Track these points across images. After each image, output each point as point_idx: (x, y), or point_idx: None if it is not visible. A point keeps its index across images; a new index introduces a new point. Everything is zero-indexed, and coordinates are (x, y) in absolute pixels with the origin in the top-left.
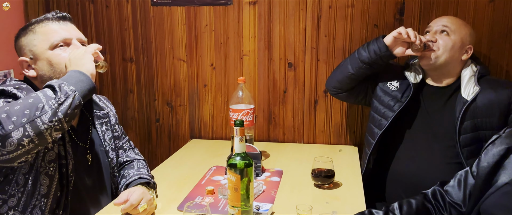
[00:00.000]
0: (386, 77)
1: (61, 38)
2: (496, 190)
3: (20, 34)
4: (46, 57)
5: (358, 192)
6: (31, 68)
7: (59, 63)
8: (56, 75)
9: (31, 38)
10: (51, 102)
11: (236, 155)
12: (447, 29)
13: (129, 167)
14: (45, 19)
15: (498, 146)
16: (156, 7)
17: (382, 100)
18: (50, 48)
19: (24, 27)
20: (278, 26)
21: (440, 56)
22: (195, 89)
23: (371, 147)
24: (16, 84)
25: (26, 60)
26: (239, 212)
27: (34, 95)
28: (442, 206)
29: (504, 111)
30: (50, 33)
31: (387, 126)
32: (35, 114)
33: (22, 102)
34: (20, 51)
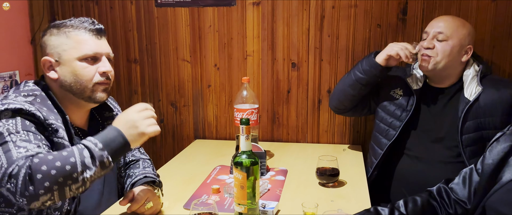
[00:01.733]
0: (389, 85)
1: (92, 52)
2: (501, 187)
3: (52, 31)
4: (72, 66)
5: (362, 190)
6: (53, 70)
7: (83, 75)
8: (77, 85)
9: (63, 41)
10: (86, 174)
11: (242, 153)
12: (443, 34)
13: (135, 166)
14: (81, 27)
15: (503, 143)
16: (160, 8)
17: (388, 109)
18: (79, 59)
19: (57, 24)
20: (281, 27)
21: (439, 62)
22: (199, 90)
23: (379, 157)
24: (30, 91)
25: (50, 60)
26: (245, 210)
27: (72, 161)
28: (447, 203)
29: (507, 110)
30: (83, 43)
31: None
32: (67, 183)
33: (59, 166)
34: (46, 48)
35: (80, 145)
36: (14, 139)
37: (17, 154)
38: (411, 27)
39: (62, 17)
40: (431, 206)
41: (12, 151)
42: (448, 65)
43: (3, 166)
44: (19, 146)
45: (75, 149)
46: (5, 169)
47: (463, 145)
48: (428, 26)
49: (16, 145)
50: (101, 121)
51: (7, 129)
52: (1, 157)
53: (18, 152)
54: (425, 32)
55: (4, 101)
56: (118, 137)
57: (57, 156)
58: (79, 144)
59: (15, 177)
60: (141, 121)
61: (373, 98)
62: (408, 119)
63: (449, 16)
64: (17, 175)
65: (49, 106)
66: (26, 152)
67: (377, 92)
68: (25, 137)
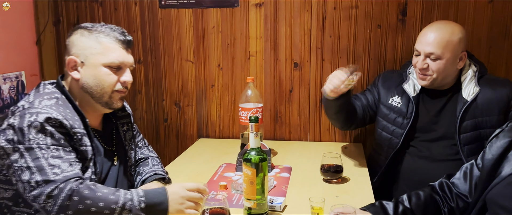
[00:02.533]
0: (386, 93)
1: (118, 61)
2: (501, 180)
3: (83, 32)
4: (96, 70)
5: (366, 186)
6: (76, 70)
7: (105, 81)
8: (98, 89)
9: (92, 45)
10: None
11: (251, 150)
12: (434, 54)
13: (144, 164)
14: (112, 35)
15: (502, 139)
16: (164, 9)
17: (389, 118)
18: (104, 65)
19: (88, 27)
20: (283, 27)
21: (437, 78)
22: (202, 90)
23: (384, 165)
24: (51, 94)
25: (76, 61)
26: (255, 204)
27: (113, 208)
28: (449, 197)
29: (504, 109)
30: (111, 51)
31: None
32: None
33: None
34: (72, 48)
35: (128, 194)
36: (46, 155)
37: (53, 175)
38: (410, 27)
39: (66, 18)
40: (434, 200)
41: (46, 169)
42: (446, 76)
43: (40, 184)
44: (52, 164)
45: (121, 198)
46: (42, 188)
47: (461, 143)
48: (418, 42)
49: (49, 163)
50: (114, 121)
51: (37, 143)
52: (35, 174)
53: (53, 172)
54: (416, 49)
55: (32, 110)
56: (162, 204)
57: (104, 196)
58: (128, 193)
59: (54, 198)
60: (186, 202)
61: (368, 109)
62: (409, 125)
63: (437, 28)
64: (57, 198)
65: (71, 109)
66: (62, 172)
67: (374, 102)
68: (55, 153)
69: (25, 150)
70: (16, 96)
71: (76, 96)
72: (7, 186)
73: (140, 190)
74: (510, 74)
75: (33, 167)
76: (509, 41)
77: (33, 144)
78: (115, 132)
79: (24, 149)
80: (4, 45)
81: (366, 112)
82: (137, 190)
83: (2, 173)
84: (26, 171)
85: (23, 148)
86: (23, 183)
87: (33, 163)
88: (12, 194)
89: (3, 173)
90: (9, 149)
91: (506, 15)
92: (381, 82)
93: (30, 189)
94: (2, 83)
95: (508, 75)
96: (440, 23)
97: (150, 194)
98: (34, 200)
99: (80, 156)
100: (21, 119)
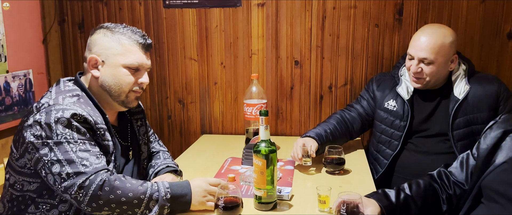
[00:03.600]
0: (382, 97)
1: (137, 63)
2: (495, 168)
3: (105, 33)
4: (116, 70)
5: (367, 177)
6: (97, 68)
7: (124, 81)
8: (116, 88)
9: (114, 45)
10: (143, 213)
11: (262, 142)
12: (427, 59)
13: (156, 157)
14: (134, 38)
15: (495, 130)
16: (168, 9)
17: (387, 121)
18: (124, 66)
19: (110, 27)
20: (285, 26)
21: (430, 80)
22: (205, 87)
23: (385, 166)
24: (72, 91)
25: (97, 59)
26: (264, 193)
27: (142, 198)
28: (447, 184)
29: (493, 105)
30: (132, 53)
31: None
32: (127, 212)
33: (131, 196)
34: (94, 47)
35: (155, 186)
36: (74, 149)
37: (83, 167)
38: (406, 26)
39: (71, 18)
40: (433, 187)
41: (76, 162)
42: (438, 78)
43: (71, 176)
44: (81, 157)
45: (149, 188)
46: (73, 179)
47: (454, 140)
48: (411, 47)
49: (78, 156)
50: (129, 116)
51: (65, 138)
52: (66, 167)
53: (83, 164)
54: (409, 54)
55: (57, 106)
56: (186, 196)
57: (133, 186)
58: (154, 184)
59: (85, 189)
60: (208, 196)
61: (367, 115)
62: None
63: (430, 33)
64: (88, 188)
65: (91, 106)
66: (91, 165)
67: (370, 108)
68: (82, 146)
69: (54, 144)
70: (24, 94)
71: (95, 93)
72: (31, 179)
73: (166, 182)
74: (501, 71)
75: (63, 160)
76: (500, 39)
77: (61, 138)
78: (130, 127)
79: (53, 144)
80: (13, 44)
81: (364, 120)
82: (163, 182)
83: (27, 167)
84: (56, 164)
85: (52, 143)
86: (54, 176)
87: (63, 156)
88: (36, 187)
89: (28, 167)
90: (38, 144)
91: (497, 14)
92: (376, 86)
93: (61, 180)
94: (11, 81)
95: (499, 72)
96: (432, 27)
97: (175, 186)
98: (65, 191)
99: (103, 150)
100: (47, 115)
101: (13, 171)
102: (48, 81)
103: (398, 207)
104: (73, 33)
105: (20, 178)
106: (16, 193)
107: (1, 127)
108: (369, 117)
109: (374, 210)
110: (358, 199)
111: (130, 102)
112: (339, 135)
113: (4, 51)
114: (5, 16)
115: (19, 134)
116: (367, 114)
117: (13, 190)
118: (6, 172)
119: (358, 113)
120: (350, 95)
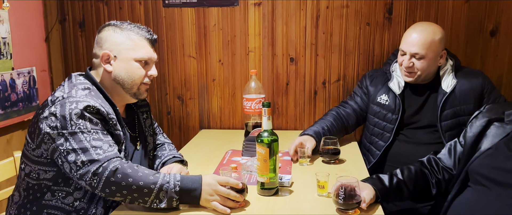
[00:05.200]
0: (375, 91)
1: (147, 57)
2: (480, 154)
3: (115, 29)
4: (128, 64)
5: (361, 166)
6: (109, 63)
7: (136, 74)
8: (129, 81)
9: (124, 41)
10: (154, 202)
11: (264, 132)
12: (419, 54)
13: (162, 148)
14: (141, 34)
15: (480, 119)
16: (167, 8)
17: (379, 115)
18: (135, 60)
19: (118, 25)
20: (280, 25)
21: (421, 75)
22: (204, 84)
23: (377, 157)
24: (84, 84)
25: (109, 54)
26: (267, 180)
27: (152, 188)
28: (436, 170)
29: (478, 98)
30: (141, 48)
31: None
32: (137, 200)
33: (141, 185)
34: (105, 43)
35: (167, 177)
36: (88, 138)
37: (97, 155)
38: (396, 24)
39: (72, 17)
40: (423, 173)
41: (90, 151)
42: (429, 73)
43: (85, 163)
44: (95, 146)
45: (160, 179)
46: (88, 167)
47: (443, 130)
48: (403, 43)
49: (92, 145)
50: (136, 109)
51: (79, 128)
52: (80, 155)
53: (96, 153)
54: (401, 50)
55: (71, 99)
56: (196, 191)
57: (144, 175)
58: (166, 176)
59: (99, 176)
60: (215, 195)
61: (361, 111)
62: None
63: (421, 30)
64: (102, 174)
65: (102, 98)
66: (104, 153)
67: (364, 103)
68: (96, 136)
69: (69, 135)
70: (29, 90)
71: (107, 87)
72: (47, 168)
73: (178, 175)
74: (485, 66)
75: (78, 149)
76: (483, 37)
77: (75, 129)
78: (137, 119)
79: (68, 134)
80: (17, 42)
81: (358, 115)
82: (175, 175)
83: (44, 157)
84: (72, 153)
85: (67, 133)
86: (70, 164)
87: (78, 145)
88: (52, 175)
89: (44, 156)
90: (54, 134)
91: (481, 13)
92: (369, 82)
93: (76, 168)
94: (16, 78)
95: (483, 67)
96: (422, 25)
97: (186, 180)
98: (81, 178)
99: (115, 139)
100: (62, 107)
101: (29, 160)
102: (50, 79)
103: (391, 190)
104: (74, 32)
105: (36, 167)
106: (32, 182)
107: (7, 122)
108: (363, 112)
109: (370, 193)
110: (355, 183)
111: (141, 94)
112: (336, 131)
113: (9, 49)
114: (10, 14)
115: (34, 126)
116: (361, 109)
117: (29, 179)
118: (21, 162)
119: (353, 109)
120: (342, 91)
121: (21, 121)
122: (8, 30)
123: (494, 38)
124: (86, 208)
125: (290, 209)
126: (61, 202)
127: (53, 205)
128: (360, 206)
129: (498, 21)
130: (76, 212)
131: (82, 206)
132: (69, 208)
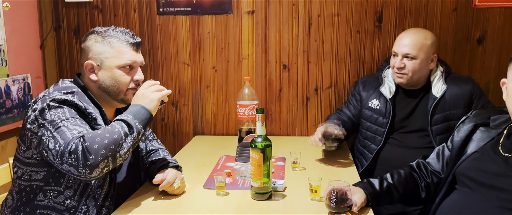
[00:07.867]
0: (367, 96)
1: (130, 61)
2: (467, 157)
3: (96, 38)
4: (112, 72)
5: (352, 170)
6: (94, 73)
7: (121, 81)
8: (114, 89)
9: (106, 49)
10: (128, 140)
11: (258, 137)
12: (410, 55)
13: (156, 155)
14: (123, 39)
15: (467, 124)
16: (162, 16)
17: (371, 119)
18: (118, 67)
19: (100, 32)
20: (273, 33)
21: (412, 76)
22: (198, 90)
23: (370, 159)
24: (68, 88)
25: (93, 64)
26: (261, 185)
27: (117, 131)
28: (425, 174)
29: (468, 103)
30: (123, 54)
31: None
32: (116, 149)
33: (108, 136)
34: (89, 53)
35: (117, 120)
36: (66, 124)
37: (71, 135)
38: (386, 33)
39: (67, 24)
40: (412, 176)
41: (66, 133)
42: (420, 75)
43: (61, 146)
44: (71, 128)
45: (115, 123)
46: (63, 148)
47: (433, 134)
48: (396, 45)
49: (68, 128)
50: None
51: (58, 116)
52: (58, 140)
53: (71, 133)
54: (393, 51)
55: (51, 95)
56: (140, 109)
57: (104, 130)
58: (115, 120)
59: (74, 152)
60: (148, 92)
61: (355, 117)
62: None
63: (413, 33)
64: (76, 150)
65: (86, 101)
66: (78, 133)
67: (357, 109)
68: (74, 122)
69: (48, 123)
70: (23, 97)
71: (95, 94)
72: (38, 169)
73: (121, 114)
74: (472, 73)
75: (56, 135)
76: (470, 44)
77: (54, 117)
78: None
79: (48, 123)
80: (13, 49)
81: (354, 122)
82: (120, 115)
83: (34, 158)
84: (51, 140)
85: (46, 122)
86: (51, 151)
87: (56, 131)
88: (43, 175)
89: (34, 157)
90: (35, 128)
91: (468, 21)
92: (361, 87)
93: (56, 153)
94: (11, 84)
95: (470, 73)
96: (415, 29)
97: (128, 111)
98: (63, 162)
99: None
100: (42, 102)
101: (21, 163)
102: (45, 86)
103: (382, 194)
104: (68, 39)
105: (27, 169)
106: (24, 184)
107: (2, 128)
108: (357, 120)
109: (361, 197)
110: (347, 187)
111: (129, 99)
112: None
113: (5, 56)
114: (6, 21)
115: (23, 129)
116: (354, 117)
117: (21, 181)
118: (13, 166)
119: (348, 116)
120: (334, 97)
121: (16, 128)
122: (3, 37)
123: (481, 46)
124: (76, 206)
125: (284, 213)
126: (53, 201)
127: (46, 205)
128: (351, 210)
129: (485, 29)
130: (67, 210)
131: (72, 204)
132: (61, 207)
